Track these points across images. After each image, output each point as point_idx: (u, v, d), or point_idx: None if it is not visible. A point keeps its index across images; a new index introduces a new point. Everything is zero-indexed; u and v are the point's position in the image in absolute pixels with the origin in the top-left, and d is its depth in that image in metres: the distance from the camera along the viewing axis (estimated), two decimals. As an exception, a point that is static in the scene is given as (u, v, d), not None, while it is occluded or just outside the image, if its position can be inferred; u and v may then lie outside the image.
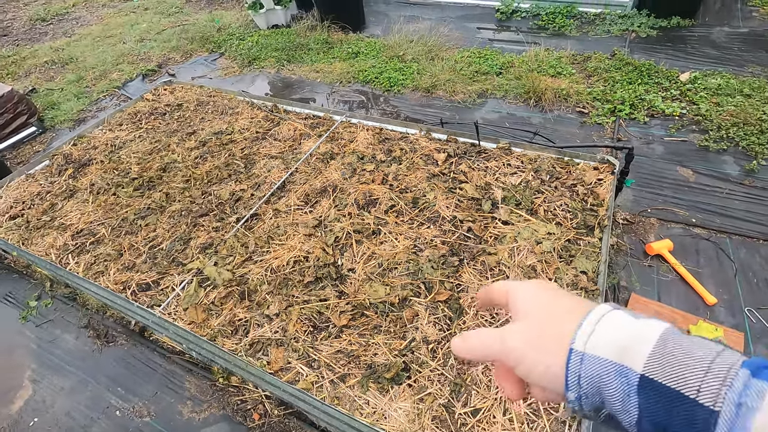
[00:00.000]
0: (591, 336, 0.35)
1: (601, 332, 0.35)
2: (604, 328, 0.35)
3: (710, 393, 0.29)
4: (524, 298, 0.43)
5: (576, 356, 0.35)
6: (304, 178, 2.41)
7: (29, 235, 2.33)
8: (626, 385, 0.32)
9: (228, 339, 1.71)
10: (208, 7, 6.16)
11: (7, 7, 7.27)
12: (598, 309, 0.37)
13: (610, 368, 0.33)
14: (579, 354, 0.35)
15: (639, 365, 0.32)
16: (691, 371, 0.30)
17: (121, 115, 3.24)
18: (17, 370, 2.16)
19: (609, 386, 0.33)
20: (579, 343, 0.35)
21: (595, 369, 0.34)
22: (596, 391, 0.34)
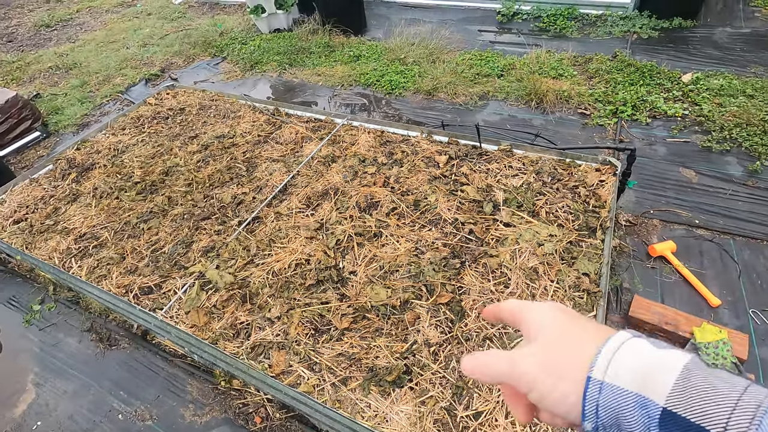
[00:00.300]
0: (611, 364, 0.34)
1: (622, 360, 0.34)
2: (624, 356, 0.34)
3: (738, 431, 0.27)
4: (539, 320, 0.41)
5: (594, 385, 0.34)
6: (306, 181, 2.42)
7: (33, 239, 2.35)
8: (647, 417, 0.31)
9: (230, 342, 1.71)
10: (211, 12, 6.20)
11: (12, 13, 7.35)
12: (617, 336, 0.36)
13: (630, 399, 0.32)
14: (597, 383, 0.34)
15: (661, 397, 0.31)
16: (718, 407, 0.28)
17: (124, 119, 3.26)
18: (21, 374, 2.17)
19: (628, 418, 0.32)
20: (598, 371, 0.34)
21: (615, 399, 0.33)
22: (614, 422, 0.33)
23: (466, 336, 1.61)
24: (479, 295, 1.73)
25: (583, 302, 1.65)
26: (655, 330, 1.91)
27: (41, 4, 7.59)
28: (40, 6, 7.47)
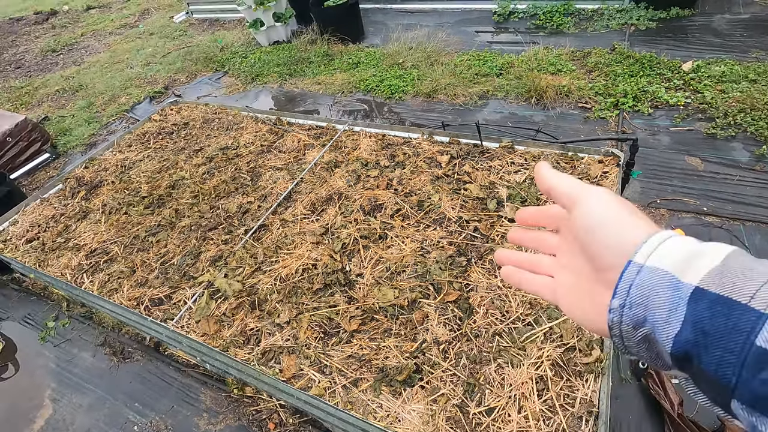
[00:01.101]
0: (654, 251, 0.34)
1: (666, 249, 0.34)
2: (670, 245, 0.34)
3: (764, 299, 0.27)
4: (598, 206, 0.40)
5: (634, 267, 0.34)
6: (310, 187, 2.44)
7: (45, 257, 2.39)
8: (677, 297, 0.31)
9: (240, 349, 1.73)
10: (211, 29, 6.31)
11: (19, 41, 7.54)
12: (663, 232, 0.36)
13: (666, 279, 0.32)
14: (637, 266, 0.34)
15: (696, 279, 0.31)
16: (749, 281, 0.29)
17: (130, 136, 3.32)
18: (38, 390, 2.20)
19: (659, 296, 0.32)
20: (641, 256, 0.34)
21: (651, 279, 0.33)
22: (643, 301, 0.33)
23: (475, 333, 1.61)
24: (487, 292, 1.73)
25: (592, 294, 1.64)
26: (668, 319, 1.89)
27: (47, 30, 7.78)
28: (46, 32, 7.66)
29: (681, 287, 0.31)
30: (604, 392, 1.36)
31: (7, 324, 2.58)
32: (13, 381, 2.29)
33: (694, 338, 0.30)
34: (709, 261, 0.31)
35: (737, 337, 0.27)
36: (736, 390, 0.28)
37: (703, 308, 0.30)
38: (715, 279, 0.30)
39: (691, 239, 0.35)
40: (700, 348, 0.30)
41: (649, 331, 0.34)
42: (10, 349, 2.45)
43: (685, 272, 0.32)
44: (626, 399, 1.73)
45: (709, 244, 0.33)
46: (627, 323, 0.35)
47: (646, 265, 0.34)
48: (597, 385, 1.39)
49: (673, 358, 0.33)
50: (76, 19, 8.01)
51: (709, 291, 0.30)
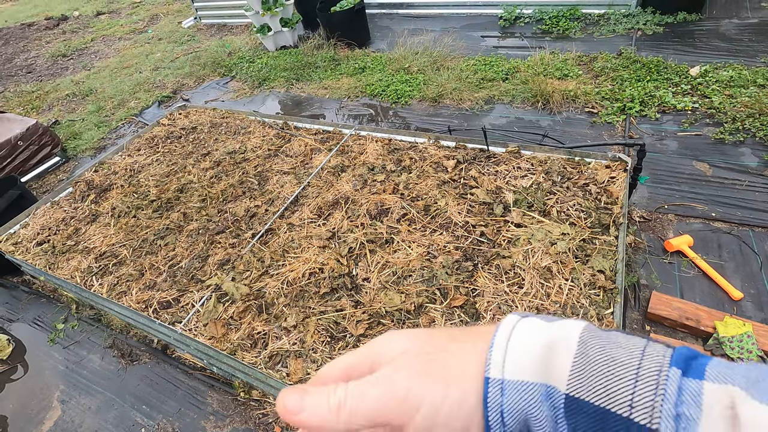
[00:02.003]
0: (507, 355, 0.28)
1: (518, 348, 0.29)
2: (519, 342, 0.29)
3: (644, 408, 0.24)
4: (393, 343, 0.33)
5: (494, 386, 0.28)
6: (317, 191, 2.45)
7: (55, 259, 2.42)
8: (553, 410, 0.27)
9: (247, 352, 1.73)
10: (219, 34, 6.37)
11: (30, 46, 7.66)
12: (505, 322, 0.31)
13: (535, 393, 0.27)
14: (498, 382, 0.28)
15: (562, 382, 0.27)
16: (619, 383, 0.25)
17: (139, 140, 3.36)
18: (47, 392, 2.22)
19: (536, 416, 0.27)
20: (495, 368, 0.28)
21: (519, 398, 0.28)
22: (522, 426, 0.28)
23: (482, 338, 1.60)
24: (493, 297, 1.73)
25: (600, 300, 1.63)
26: (676, 326, 1.87)
27: (58, 35, 7.90)
28: (57, 37, 7.78)
29: (552, 394, 0.27)
30: (612, 399, 1.35)
31: (17, 326, 2.61)
32: (22, 382, 2.31)
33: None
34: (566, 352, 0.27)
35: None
36: None
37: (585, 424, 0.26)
38: (583, 380, 0.26)
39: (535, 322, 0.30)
40: None
41: None
42: (19, 350, 2.48)
43: (549, 374, 0.27)
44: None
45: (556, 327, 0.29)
46: None
47: (507, 380, 0.28)
48: (605, 392, 1.38)
49: None
50: (86, 25, 8.12)
51: (583, 400, 0.26)
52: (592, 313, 1.59)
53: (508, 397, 0.28)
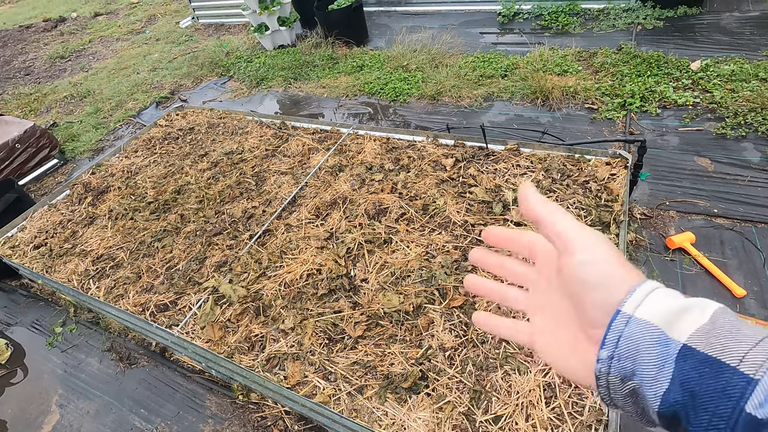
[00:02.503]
0: (642, 304, 0.33)
1: (653, 302, 0.33)
2: (656, 299, 0.33)
3: (753, 363, 0.27)
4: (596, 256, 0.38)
5: (623, 318, 0.33)
6: (314, 191, 2.43)
7: (52, 262, 2.40)
8: (665, 354, 0.31)
9: (245, 355, 1.72)
10: (216, 34, 6.35)
11: (29, 48, 7.65)
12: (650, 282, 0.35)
13: (655, 335, 0.32)
14: (626, 316, 0.33)
15: (684, 336, 0.31)
16: (738, 343, 0.28)
17: (137, 142, 3.34)
18: (45, 396, 2.21)
19: (648, 351, 0.32)
20: (630, 306, 0.34)
21: (639, 332, 0.32)
22: (632, 354, 0.32)
23: (481, 339, 1.58)
24: (493, 297, 1.70)
25: (601, 299, 1.61)
26: (679, 324, 1.85)
27: (56, 37, 7.88)
28: (55, 39, 7.76)
29: (669, 344, 0.31)
30: (614, 400, 1.33)
31: (15, 329, 2.60)
32: (21, 386, 2.31)
33: (682, 399, 0.29)
34: (697, 317, 0.31)
35: (726, 403, 0.27)
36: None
37: (690, 368, 0.29)
38: (703, 338, 0.30)
39: (676, 292, 0.34)
40: (688, 409, 0.29)
41: (637, 386, 0.33)
42: (18, 354, 2.47)
43: (673, 327, 0.31)
44: (636, 406, 1.69)
45: (695, 300, 0.33)
46: (615, 375, 0.34)
47: (635, 317, 0.33)
48: (606, 393, 1.36)
49: (660, 417, 0.32)
50: (84, 26, 8.10)
51: (697, 350, 0.30)
52: (592, 312, 1.57)
53: (630, 329, 0.33)
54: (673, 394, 0.30)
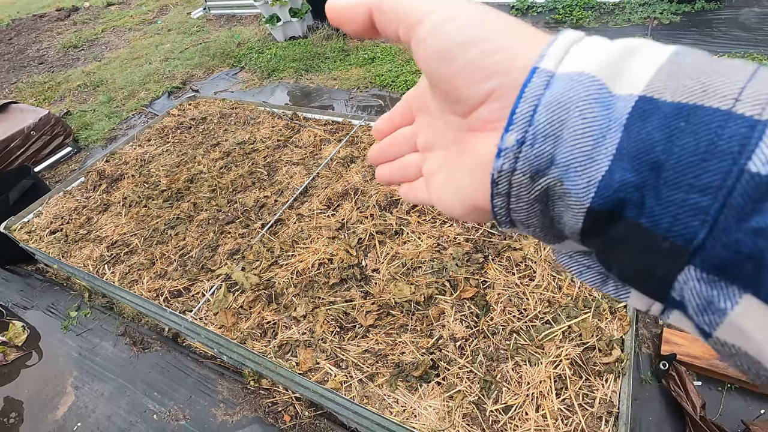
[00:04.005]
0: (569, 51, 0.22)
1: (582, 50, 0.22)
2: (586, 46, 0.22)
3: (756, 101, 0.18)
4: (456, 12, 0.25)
5: (541, 77, 0.22)
6: (326, 182, 2.44)
7: (68, 248, 2.45)
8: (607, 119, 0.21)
9: (257, 341, 1.74)
10: (228, 25, 6.35)
11: (42, 36, 7.71)
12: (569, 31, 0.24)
13: (592, 91, 0.21)
14: (547, 74, 0.22)
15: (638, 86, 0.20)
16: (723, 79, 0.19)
17: (150, 131, 3.37)
18: (61, 378, 2.26)
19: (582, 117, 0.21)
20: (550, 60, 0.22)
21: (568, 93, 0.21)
22: (555, 130, 0.22)
23: (492, 330, 1.59)
24: (504, 289, 1.71)
25: (613, 293, 1.61)
26: (690, 320, 1.84)
27: (69, 26, 7.94)
28: (68, 28, 7.82)
29: (613, 103, 0.21)
30: (625, 393, 1.34)
31: (31, 313, 2.65)
32: (37, 368, 2.36)
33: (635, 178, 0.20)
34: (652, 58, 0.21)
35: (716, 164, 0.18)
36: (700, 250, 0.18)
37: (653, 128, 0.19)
38: (668, 83, 0.20)
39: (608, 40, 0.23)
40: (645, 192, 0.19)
41: (554, 180, 0.22)
42: (34, 337, 2.52)
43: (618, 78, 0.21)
44: (646, 400, 1.69)
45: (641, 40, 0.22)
46: (523, 170, 0.23)
47: (560, 73, 0.22)
48: (617, 386, 1.37)
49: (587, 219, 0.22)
50: (97, 16, 8.15)
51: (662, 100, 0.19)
52: (604, 306, 1.57)
53: (554, 90, 0.22)
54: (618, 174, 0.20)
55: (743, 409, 1.61)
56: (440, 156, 0.30)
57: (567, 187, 0.22)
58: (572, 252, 0.26)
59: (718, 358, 1.67)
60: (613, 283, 0.25)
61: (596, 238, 0.23)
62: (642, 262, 0.21)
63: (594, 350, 1.47)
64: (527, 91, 0.22)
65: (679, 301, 0.20)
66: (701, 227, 0.18)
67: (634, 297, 0.24)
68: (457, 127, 0.27)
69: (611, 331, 1.51)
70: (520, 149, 0.22)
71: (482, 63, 0.23)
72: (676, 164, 0.18)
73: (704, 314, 0.19)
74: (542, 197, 0.23)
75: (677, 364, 1.66)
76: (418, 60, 0.25)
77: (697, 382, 1.69)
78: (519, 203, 0.24)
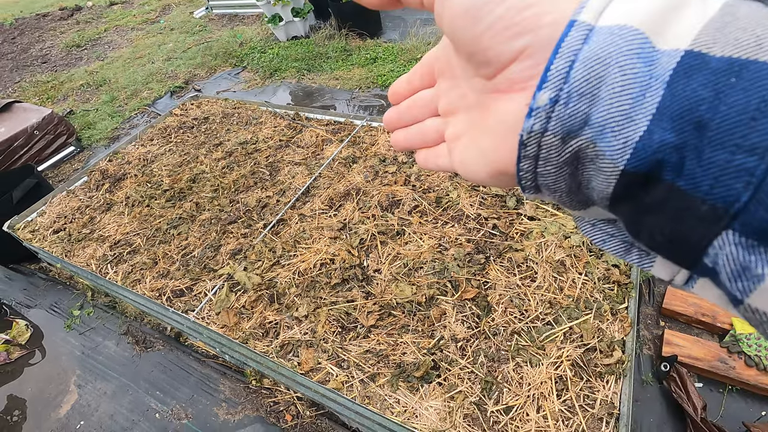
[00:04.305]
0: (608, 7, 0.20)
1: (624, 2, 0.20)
2: None
3: None
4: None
5: (579, 30, 0.20)
6: (328, 182, 2.45)
7: (71, 247, 2.46)
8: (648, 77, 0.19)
9: (259, 341, 1.75)
10: (230, 24, 6.36)
11: (45, 36, 7.74)
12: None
13: (634, 46, 0.19)
14: (585, 27, 0.20)
15: (685, 40, 0.19)
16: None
17: (152, 130, 3.38)
18: (64, 376, 2.27)
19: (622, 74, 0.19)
20: (588, 14, 0.20)
21: (608, 47, 0.20)
22: (592, 88, 0.20)
23: (493, 331, 1.60)
24: (505, 290, 1.71)
25: (614, 294, 1.61)
26: (691, 322, 1.85)
27: (72, 25, 7.96)
28: (71, 28, 7.84)
29: (657, 58, 0.19)
30: (626, 394, 1.34)
31: (34, 311, 2.67)
32: (40, 367, 2.37)
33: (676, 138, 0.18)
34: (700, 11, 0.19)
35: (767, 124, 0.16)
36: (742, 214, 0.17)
37: (699, 85, 0.18)
38: (718, 36, 0.18)
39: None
40: (685, 153, 0.18)
41: (586, 143, 0.21)
42: (37, 335, 2.53)
43: (662, 32, 0.19)
44: (647, 402, 1.70)
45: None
46: (554, 131, 0.21)
47: (600, 26, 0.20)
48: (618, 387, 1.37)
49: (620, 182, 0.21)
50: (100, 15, 8.17)
51: (711, 55, 0.18)
52: (606, 307, 1.57)
53: (592, 45, 0.20)
54: (658, 134, 0.19)
55: (744, 411, 1.61)
56: (463, 120, 0.29)
57: (600, 149, 0.21)
58: (596, 220, 0.26)
59: (718, 359, 1.67)
60: (638, 252, 0.24)
61: (627, 202, 0.21)
62: (676, 226, 0.20)
63: (595, 351, 1.47)
64: (564, 46, 0.20)
65: (710, 268, 0.19)
66: (745, 190, 0.17)
67: (658, 265, 0.23)
68: (482, 89, 0.26)
69: (612, 332, 1.51)
70: (553, 108, 0.21)
71: (512, 19, 0.22)
72: (721, 123, 0.17)
73: (738, 280, 0.18)
74: (572, 160, 0.22)
75: (678, 366, 1.66)
76: (443, 22, 0.24)
77: (698, 384, 1.69)
78: (547, 166, 0.23)
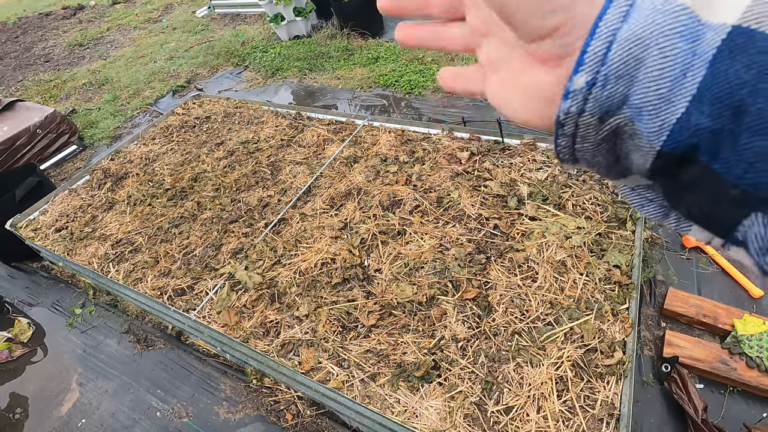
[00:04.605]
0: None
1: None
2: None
3: None
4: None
5: (619, 7, 0.19)
6: (329, 182, 2.45)
7: (73, 245, 2.47)
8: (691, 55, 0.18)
9: (260, 340, 1.75)
10: (232, 24, 6.37)
11: (48, 35, 7.75)
12: None
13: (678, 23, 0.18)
14: (625, 3, 0.19)
15: (734, 14, 0.17)
16: None
17: (154, 129, 3.39)
18: (65, 374, 2.28)
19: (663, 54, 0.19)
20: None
21: (648, 26, 0.19)
22: (630, 69, 0.20)
23: (494, 331, 1.60)
24: (506, 290, 1.71)
25: (615, 294, 1.61)
26: (693, 323, 1.84)
27: (74, 24, 7.98)
28: (74, 27, 7.85)
29: (700, 33, 0.18)
30: (626, 395, 1.34)
31: (36, 310, 2.68)
32: (42, 365, 2.38)
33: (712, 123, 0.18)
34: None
35: None
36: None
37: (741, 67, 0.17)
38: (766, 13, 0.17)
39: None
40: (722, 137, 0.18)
41: (624, 120, 0.21)
42: (39, 333, 2.54)
43: (710, 5, 0.18)
44: (647, 403, 1.69)
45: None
46: (592, 112, 0.21)
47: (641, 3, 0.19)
48: (618, 388, 1.37)
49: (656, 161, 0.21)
50: (102, 14, 8.19)
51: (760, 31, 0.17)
52: (606, 308, 1.57)
53: (632, 23, 0.19)
54: (695, 117, 0.18)
55: (745, 413, 1.61)
56: (501, 51, 0.27)
57: (638, 128, 0.20)
58: (635, 185, 0.26)
59: (720, 360, 1.67)
60: (675, 217, 0.24)
61: (664, 177, 0.22)
62: (709, 204, 0.20)
63: (596, 352, 1.47)
64: (602, 25, 0.20)
65: (741, 241, 0.20)
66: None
67: (695, 230, 0.23)
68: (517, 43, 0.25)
69: (613, 333, 1.51)
70: (590, 91, 0.21)
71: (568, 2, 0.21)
72: (762, 109, 0.16)
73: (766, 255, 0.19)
74: (610, 137, 0.22)
75: (679, 367, 1.66)
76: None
77: (699, 385, 1.69)
78: (585, 144, 0.23)
